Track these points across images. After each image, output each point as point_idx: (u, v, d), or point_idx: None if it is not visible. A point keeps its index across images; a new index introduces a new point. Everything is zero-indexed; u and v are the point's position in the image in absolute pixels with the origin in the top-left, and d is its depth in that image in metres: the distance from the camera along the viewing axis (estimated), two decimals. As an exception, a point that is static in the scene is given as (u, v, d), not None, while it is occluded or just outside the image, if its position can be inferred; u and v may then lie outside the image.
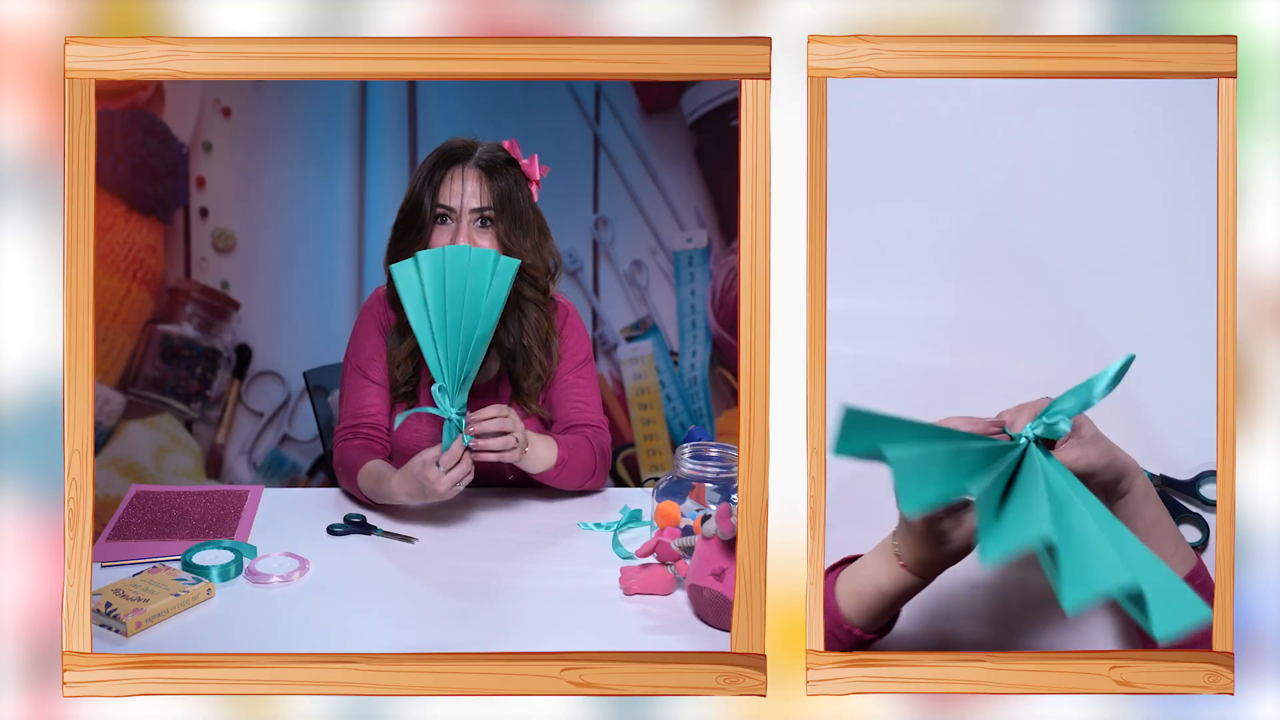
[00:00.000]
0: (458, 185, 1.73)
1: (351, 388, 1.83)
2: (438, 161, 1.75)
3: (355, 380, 1.83)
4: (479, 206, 1.73)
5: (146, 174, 2.66)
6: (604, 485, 1.84)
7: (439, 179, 1.74)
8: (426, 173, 1.75)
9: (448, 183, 1.73)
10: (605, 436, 1.86)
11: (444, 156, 1.76)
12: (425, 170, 1.76)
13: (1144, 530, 1.20)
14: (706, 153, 2.81)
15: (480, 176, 1.74)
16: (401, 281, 1.61)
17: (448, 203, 1.73)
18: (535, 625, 1.40)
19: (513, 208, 1.75)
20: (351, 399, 1.83)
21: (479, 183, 1.73)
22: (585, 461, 1.77)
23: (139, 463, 2.68)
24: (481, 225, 1.74)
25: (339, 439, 1.81)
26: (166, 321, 2.72)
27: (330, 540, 1.62)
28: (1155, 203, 1.30)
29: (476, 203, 1.73)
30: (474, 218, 1.73)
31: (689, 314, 2.87)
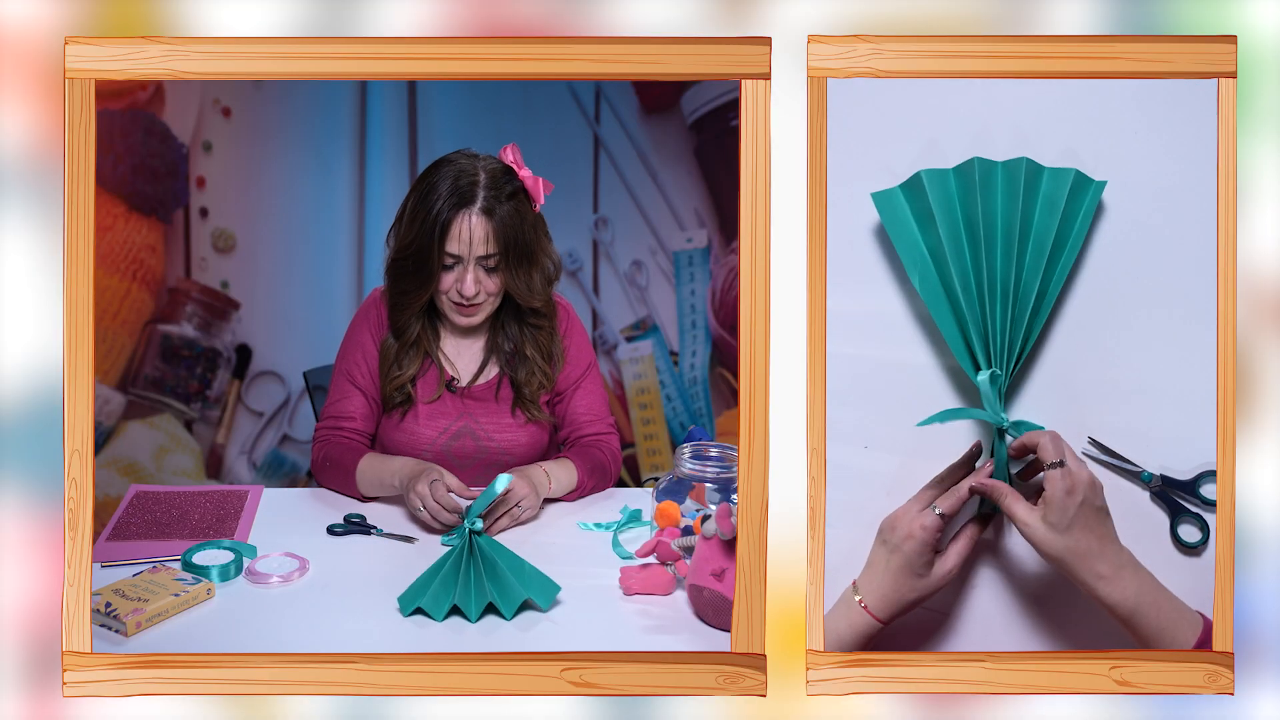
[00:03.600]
0: (465, 233, 1.71)
1: (336, 389, 1.84)
2: (443, 204, 1.70)
3: (341, 383, 1.84)
4: (485, 254, 1.72)
5: (146, 174, 2.66)
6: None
7: (445, 224, 1.70)
8: (431, 216, 1.70)
9: (455, 230, 1.71)
10: (615, 441, 1.88)
11: (450, 198, 1.70)
12: (429, 211, 1.71)
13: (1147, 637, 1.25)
14: (706, 153, 2.81)
15: (486, 222, 1.71)
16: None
17: (455, 251, 1.72)
18: (535, 625, 1.40)
19: (517, 246, 1.73)
20: (335, 401, 1.84)
21: (485, 229, 1.71)
22: (601, 475, 1.80)
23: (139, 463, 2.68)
24: (488, 271, 1.74)
25: (320, 436, 1.82)
26: (166, 321, 2.72)
27: (330, 540, 1.62)
28: (1155, 203, 1.30)
29: (484, 250, 1.72)
30: (480, 262, 1.73)
31: (689, 314, 2.87)
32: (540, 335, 1.82)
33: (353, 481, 1.72)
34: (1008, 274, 1.27)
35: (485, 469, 1.82)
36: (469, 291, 1.73)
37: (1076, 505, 1.21)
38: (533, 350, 1.82)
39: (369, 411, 1.83)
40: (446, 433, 1.82)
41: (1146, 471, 1.30)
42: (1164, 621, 1.25)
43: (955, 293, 1.27)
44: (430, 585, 1.41)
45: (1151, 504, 1.30)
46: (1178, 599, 1.27)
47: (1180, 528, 1.30)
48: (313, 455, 1.81)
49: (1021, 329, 1.27)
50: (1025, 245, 1.27)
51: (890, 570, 1.26)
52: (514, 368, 1.83)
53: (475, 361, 1.84)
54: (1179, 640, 1.26)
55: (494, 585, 1.41)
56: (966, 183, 1.29)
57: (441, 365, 1.82)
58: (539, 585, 1.42)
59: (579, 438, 1.85)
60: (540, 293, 1.78)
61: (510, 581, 1.41)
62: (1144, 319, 1.31)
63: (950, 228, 1.28)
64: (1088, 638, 1.32)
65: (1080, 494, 1.21)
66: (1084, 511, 1.22)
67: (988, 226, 1.28)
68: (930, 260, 1.28)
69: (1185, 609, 1.27)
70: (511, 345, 1.83)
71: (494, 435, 1.82)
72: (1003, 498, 1.25)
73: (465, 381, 1.83)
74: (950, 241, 1.28)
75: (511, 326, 1.82)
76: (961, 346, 1.28)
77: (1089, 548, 1.22)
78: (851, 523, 1.30)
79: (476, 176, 1.72)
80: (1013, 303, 1.27)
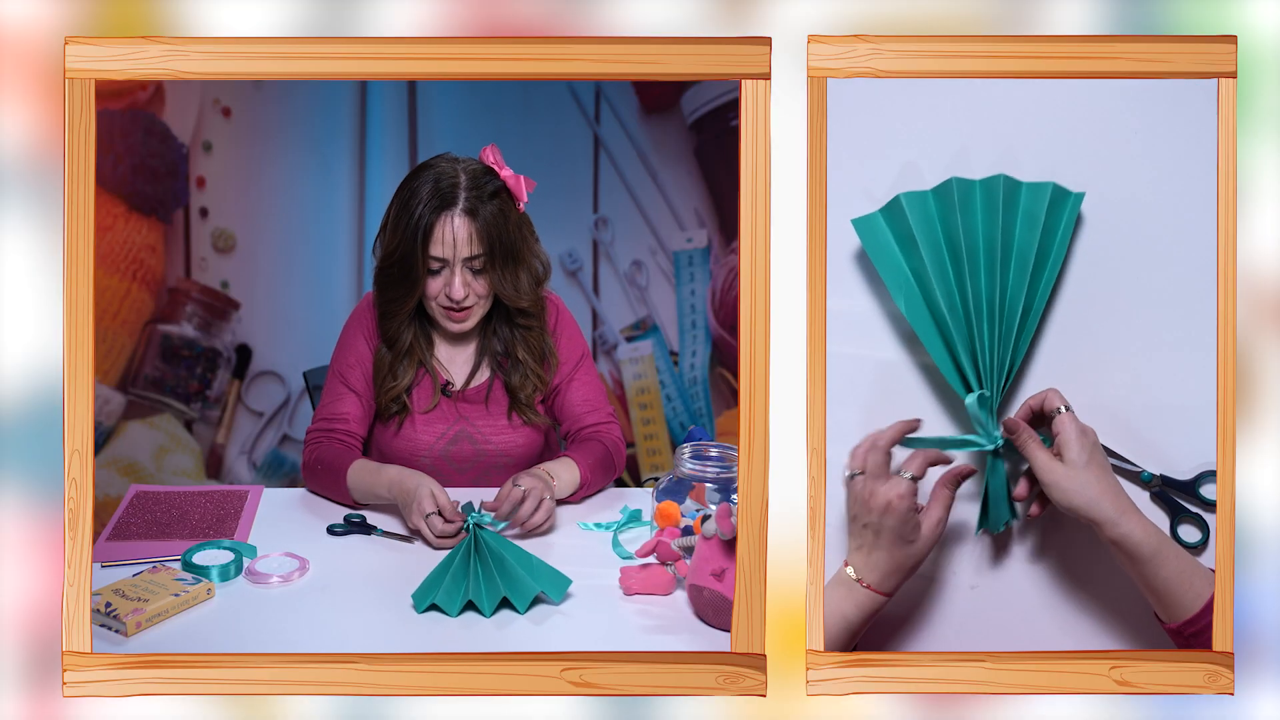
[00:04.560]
0: (448, 234, 1.70)
1: (330, 391, 1.84)
2: (424, 208, 1.70)
3: (334, 385, 1.84)
4: (470, 255, 1.72)
5: (146, 174, 2.66)
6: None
7: (428, 228, 1.70)
8: (413, 221, 1.70)
9: (438, 233, 1.70)
10: (616, 429, 1.87)
11: (430, 201, 1.70)
12: (411, 216, 1.70)
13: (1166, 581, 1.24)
14: (706, 153, 2.81)
15: (469, 223, 1.71)
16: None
17: (440, 255, 1.72)
18: (535, 625, 1.40)
19: (503, 246, 1.73)
20: (328, 403, 1.84)
21: (469, 229, 1.71)
22: (604, 469, 1.79)
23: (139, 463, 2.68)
24: (475, 273, 1.74)
25: (312, 439, 1.81)
26: (166, 321, 2.72)
27: (330, 540, 1.62)
28: (1155, 203, 1.30)
29: (468, 251, 1.71)
30: (466, 264, 1.73)
31: (689, 314, 2.87)
32: (530, 336, 1.82)
33: (343, 486, 1.71)
34: (992, 291, 1.27)
35: (484, 471, 1.82)
36: (458, 295, 1.72)
37: (1090, 445, 1.24)
38: (524, 352, 1.82)
39: (362, 414, 1.82)
40: (444, 438, 1.81)
41: (1146, 471, 1.30)
42: (1183, 563, 1.24)
43: (941, 314, 1.27)
44: (442, 581, 1.41)
45: (1151, 504, 1.30)
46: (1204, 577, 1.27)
47: (1180, 528, 1.30)
48: (304, 457, 1.80)
49: (1010, 345, 1.27)
50: (1008, 262, 1.27)
51: (882, 546, 1.25)
52: (507, 371, 1.82)
53: (468, 366, 1.84)
54: (1196, 587, 1.25)
55: (505, 580, 1.41)
56: (946, 203, 1.28)
57: (435, 372, 1.82)
58: (550, 579, 1.43)
59: (579, 430, 1.85)
60: (528, 293, 1.78)
61: (521, 575, 1.42)
62: (1144, 319, 1.30)
63: (932, 249, 1.28)
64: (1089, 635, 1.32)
65: (1091, 435, 1.25)
66: (1096, 453, 1.24)
67: (969, 245, 1.28)
68: (915, 283, 1.28)
69: (1196, 559, 1.27)
70: (503, 347, 1.82)
71: (491, 438, 1.82)
72: (1026, 442, 1.26)
73: (459, 385, 1.83)
74: (933, 263, 1.28)
75: (503, 329, 1.82)
76: (951, 368, 1.28)
77: (1108, 484, 1.24)
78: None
79: (457, 178, 1.72)
80: (999, 320, 1.27)
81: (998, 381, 1.27)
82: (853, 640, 1.29)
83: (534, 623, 1.40)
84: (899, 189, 1.30)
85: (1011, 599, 1.33)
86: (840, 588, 1.28)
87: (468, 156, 1.76)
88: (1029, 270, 1.27)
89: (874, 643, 1.32)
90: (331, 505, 1.73)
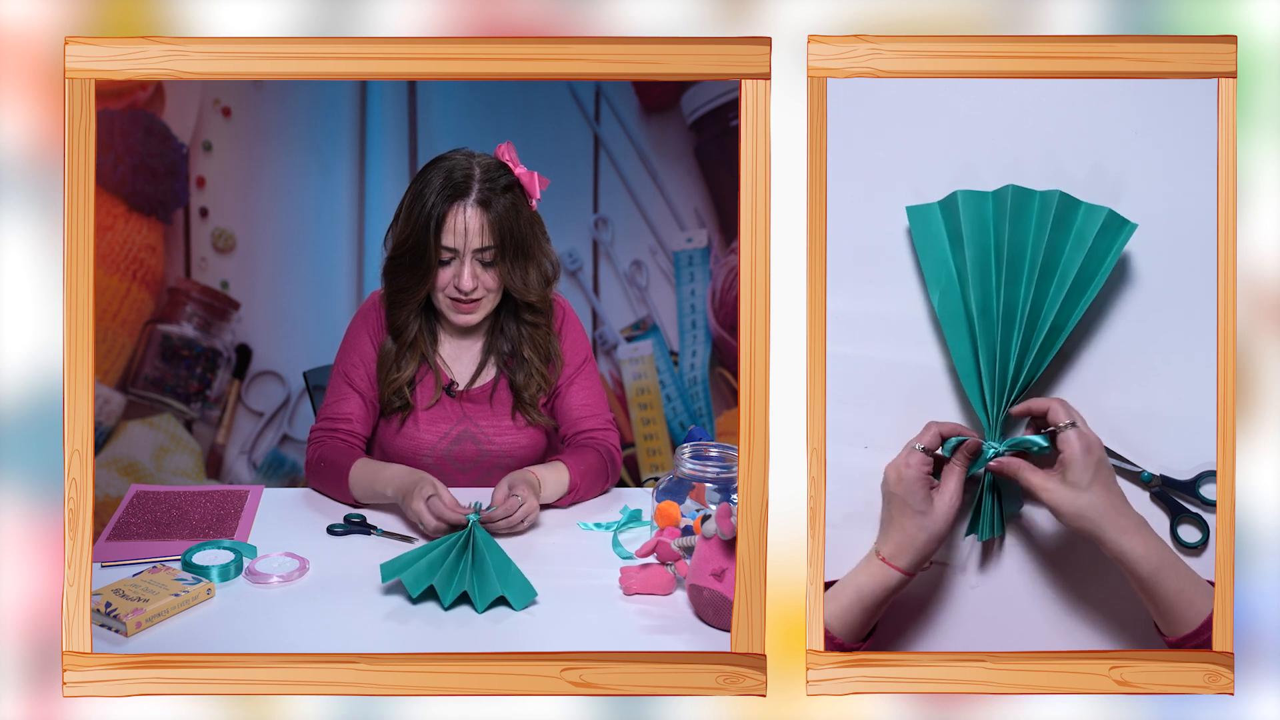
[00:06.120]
0: (460, 225, 1.71)
1: (334, 391, 1.84)
2: (437, 197, 1.71)
3: (338, 384, 1.84)
4: (481, 246, 1.72)
5: (146, 174, 2.66)
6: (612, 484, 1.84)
7: (440, 217, 1.71)
8: (426, 210, 1.71)
9: (450, 222, 1.71)
10: (614, 435, 1.86)
11: (443, 191, 1.71)
12: (424, 205, 1.71)
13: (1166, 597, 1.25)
14: (706, 153, 2.81)
15: (481, 214, 1.71)
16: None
17: (451, 244, 1.72)
18: (535, 625, 1.40)
19: (514, 240, 1.73)
20: (332, 402, 1.84)
21: (481, 220, 1.71)
22: (597, 476, 1.78)
23: (139, 463, 2.68)
24: (485, 265, 1.74)
25: (315, 438, 1.81)
26: (166, 321, 2.72)
27: (330, 540, 1.62)
28: (1155, 202, 1.30)
29: (479, 243, 1.72)
30: (476, 256, 1.73)
31: (689, 314, 2.87)
32: (538, 335, 1.82)
33: (345, 485, 1.71)
34: (1028, 302, 1.27)
35: (487, 472, 1.82)
36: (467, 285, 1.72)
37: (1095, 463, 1.23)
38: (530, 351, 1.82)
39: (365, 413, 1.83)
40: (447, 437, 1.81)
41: (1146, 472, 1.30)
42: (1184, 583, 1.25)
43: (972, 315, 1.28)
44: (416, 561, 1.44)
45: (1151, 504, 1.31)
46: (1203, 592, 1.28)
47: (1180, 528, 1.30)
48: (307, 456, 1.81)
49: (1030, 358, 1.27)
50: (1050, 276, 1.27)
51: (893, 517, 1.26)
52: (512, 370, 1.82)
53: (473, 364, 1.84)
54: (1197, 605, 1.26)
55: (476, 577, 1.43)
56: (1001, 207, 1.29)
57: (439, 370, 1.82)
58: (517, 587, 1.43)
59: (576, 434, 1.85)
60: (537, 289, 1.78)
61: (491, 577, 1.43)
62: (1144, 319, 1.31)
63: (979, 250, 1.28)
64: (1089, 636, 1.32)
65: (1096, 452, 1.24)
66: (1101, 468, 1.24)
67: (1016, 254, 1.28)
68: (955, 280, 1.28)
69: (1197, 574, 1.27)
70: (510, 346, 1.82)
71: (494, 438, 1.82)
72: (1018, 471, 1.26)
73: (464, 384, 1.83)
74: (977, 264, 1.28)
75: (510, 326, 1.82)
76: (970, 370, 1.28)
77: (1110, 502, 1.24)
78: (852, 523, 1.30)
79: (471, 170, 1.73)
80: (1029, 332, 1.27)
81: (1011, 393, 1.28)
82: (869, 621, 1.28)
83: (534, 623, 1.40)
84: (898, 188, 1.30)
85: (1012, 599, 1.33)
86: (862, 562, 1.29)
87: (483, 152, 1.77)
88: (1067, 288, 1.27)
89: (875, 642, 1.32)
90: (331, 505, 1.73)
